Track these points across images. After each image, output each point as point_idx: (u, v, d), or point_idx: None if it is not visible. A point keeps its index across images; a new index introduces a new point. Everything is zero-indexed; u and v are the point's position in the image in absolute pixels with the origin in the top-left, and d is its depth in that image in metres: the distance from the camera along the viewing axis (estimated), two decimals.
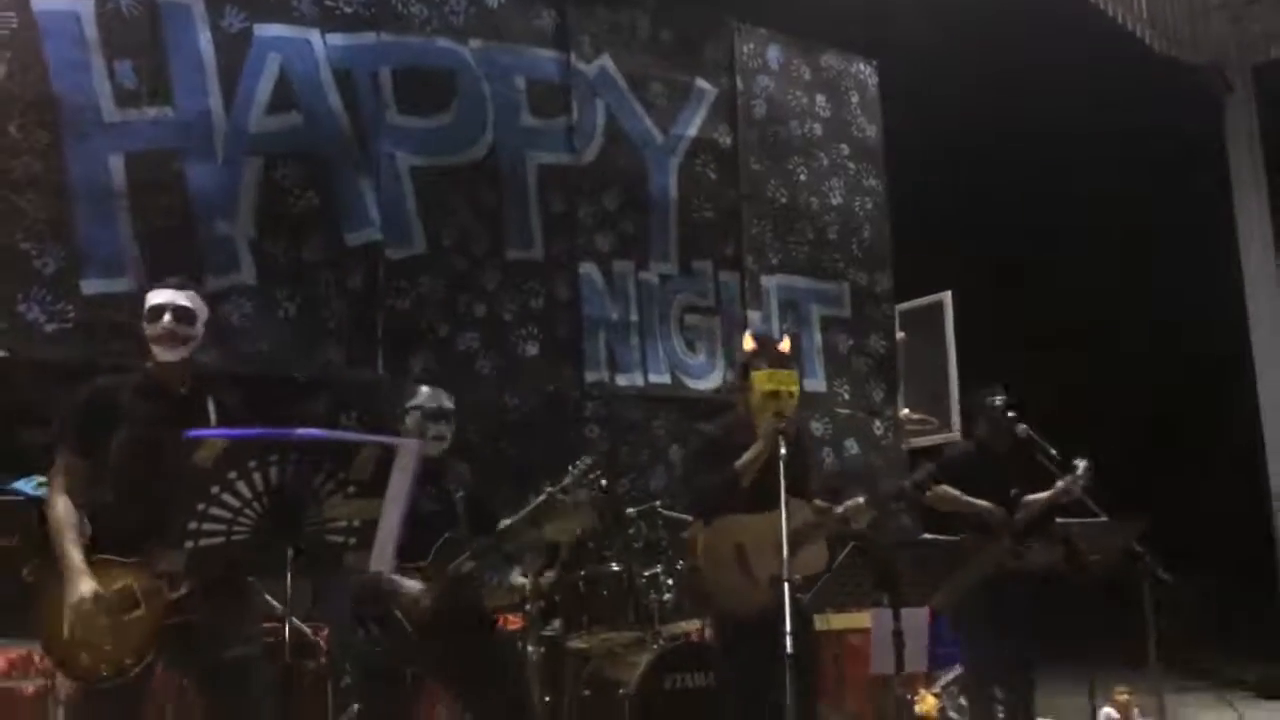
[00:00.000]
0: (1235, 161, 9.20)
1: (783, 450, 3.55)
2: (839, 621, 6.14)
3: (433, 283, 6.25)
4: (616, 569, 5.07)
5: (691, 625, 5.17)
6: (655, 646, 4.84)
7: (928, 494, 5.29)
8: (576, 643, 5.00)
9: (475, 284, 6.38)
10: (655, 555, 5.26)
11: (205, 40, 5.80)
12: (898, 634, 3.45)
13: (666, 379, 6.93)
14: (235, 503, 2.60)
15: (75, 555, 3.04)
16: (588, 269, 6.75)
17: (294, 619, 3.92)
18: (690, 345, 7.08)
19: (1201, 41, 9.31)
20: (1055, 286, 9.89)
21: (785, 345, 4.42)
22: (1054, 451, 5.27)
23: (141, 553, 3.07)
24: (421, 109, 6.38)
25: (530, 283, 6.55)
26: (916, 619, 3.79)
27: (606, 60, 7.04)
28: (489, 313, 6.40)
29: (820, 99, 7.90)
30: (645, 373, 6.86)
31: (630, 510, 5.61)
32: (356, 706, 4.60)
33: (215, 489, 2.56)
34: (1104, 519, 4.91)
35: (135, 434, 3.22)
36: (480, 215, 6.47)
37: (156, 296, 3.36)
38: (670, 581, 5.07)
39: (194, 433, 2.60)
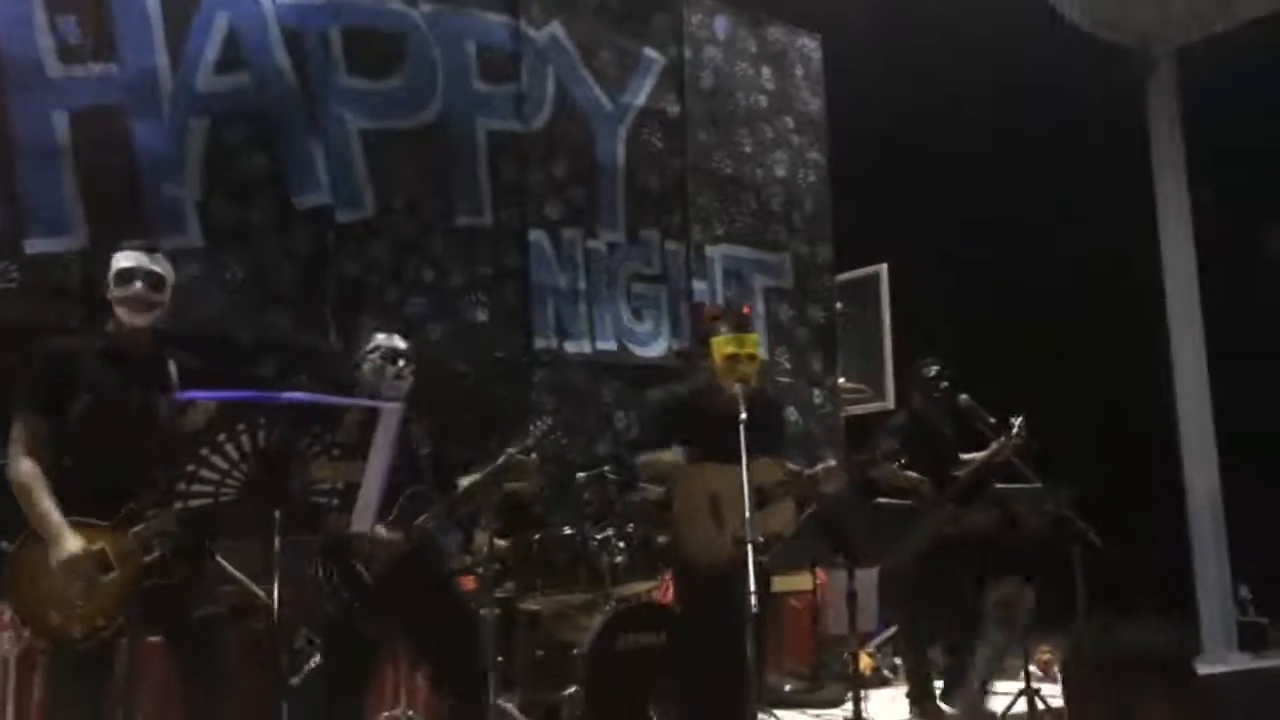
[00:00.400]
0: (1156, 144, 9.48)
1: (744, 414, 3.66)
2: (780, 584, 6.32)
3: (382, 247, 6.24)
4: (569, 532, 5.17)
5: (643, 587, 5.29)
6: (607, 608, 4.95)
7: (871, 470, 5.53)
8: (529, 604, 5.09)
9: (424, 249, 6.38)
10: (607, 519, 5.36)
11: None
12: (852, 595, 3.59)
13: (613, 346, 7.01)
14: (223, 464, 2.63)
15: (56, 514, 3.03)
16: (537, 236, 6.79)
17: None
18: (637, 314, 7.16)
19: (1127, 21, 9.55)
20: (987, 261, 10.15)
21: (746, 310, 4.54)
22: (992, 420, 5.49)
23: (113, 516, 3.08)
24: (371, 71, 6.33)
25: (479, 249, 6.57)
26: (868, 581, 3.95)
27: (556, 27, 7.05)
28: (438, 278, 6.41)
29: (766, 71, 7.99)
30: (593, 340, 6.93)
31: (580, 475, 5.70)
32: (314, 661, 4.66)
33: (205, 451, 2.59)
34: (1037, 485, 5.12)
35: (100, 398, 3.21)
36: (430, 180, 6.46)
37: (125, 260, 3.34)
38: (622, 544, 5.17)
39: (185, 395, 2.63)
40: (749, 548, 3.25)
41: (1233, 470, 8.55)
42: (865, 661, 7.11)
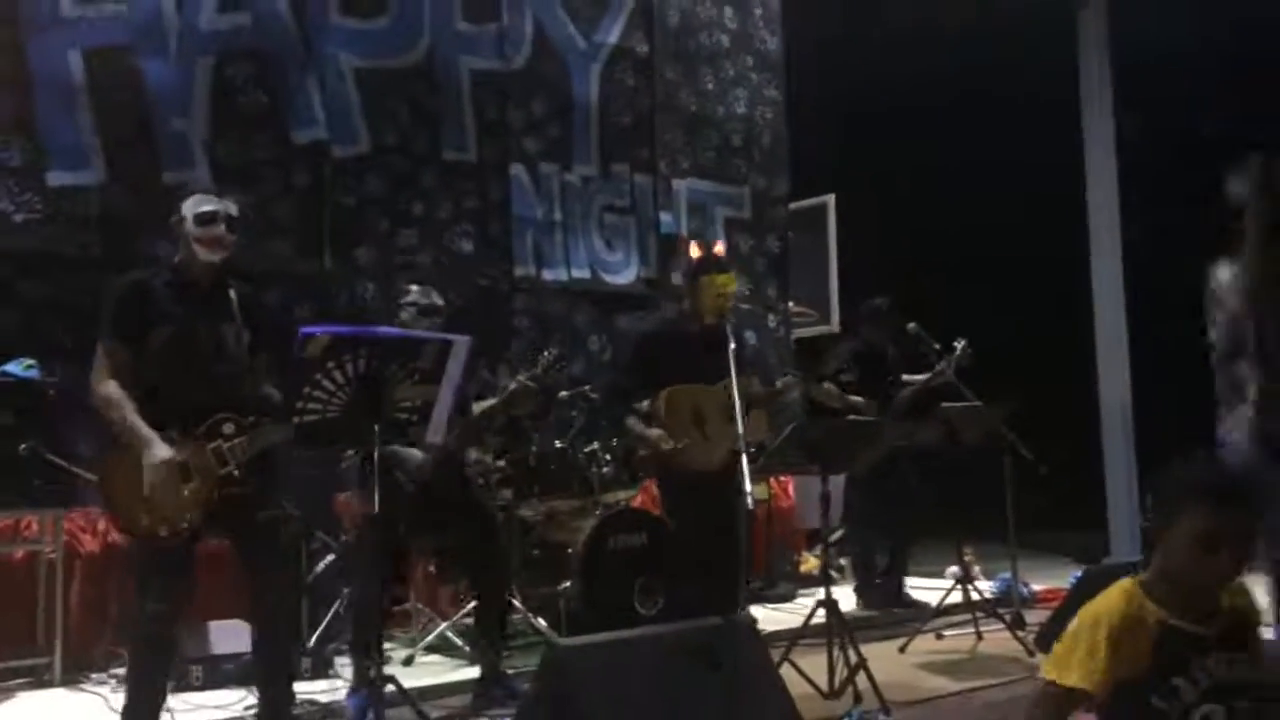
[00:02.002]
0: (1085, 75, 9.95)
1: (732, 344, 4.24)
2: None
3: (375, 181, 6.64)
4: (560, 446, 5.73)
5: (625, 494, 5.89)
6: (596, 513, 5.54)
7: (813, 389, 6.24)
8: (526, 511, 5.67)
9: (415, 183, 6.79)
10: (593, 433, 5.93)
11: None
12: (825, 496, 4.20)
13: (587, 274, 7.50)
14: (332, 387, 3.13)
15: (143, 426, 3.48)
16: (517, 170, 7.22)
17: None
18: (609, 243, 7.65)
19: None
20: (926, 191, 10.76)
21: (720, 248, 5.09)
22: (935, 345, 6.14)
23: (193, 432, 3.54)
24: (361, 10, 6.67)
25: (465, 183, 6.99)
26: (837, 485, 4.57)
27: None
28: (427, 211, 6.83)
29: (728, 11, 8.41)
30: (568, 268, 7.41)
31: (562, 394, 6.24)
32: (328, 559, 5.22)
33: (319, 376, 3.09)
34: (977, 404, 5.78)
35: (176, 326, 3.64)
36: (419, 117, 6.85)
37: (207, 204, 3.69)
38: (607, 456, 5.75)
39: (306, 329, 3.10)
40: (743, 456, 3.84)
41: (1143, 387, 9.28)
42: (812, 562, 7.84)
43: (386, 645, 4.77)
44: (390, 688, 3.35)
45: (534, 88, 7.35)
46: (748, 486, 3.74)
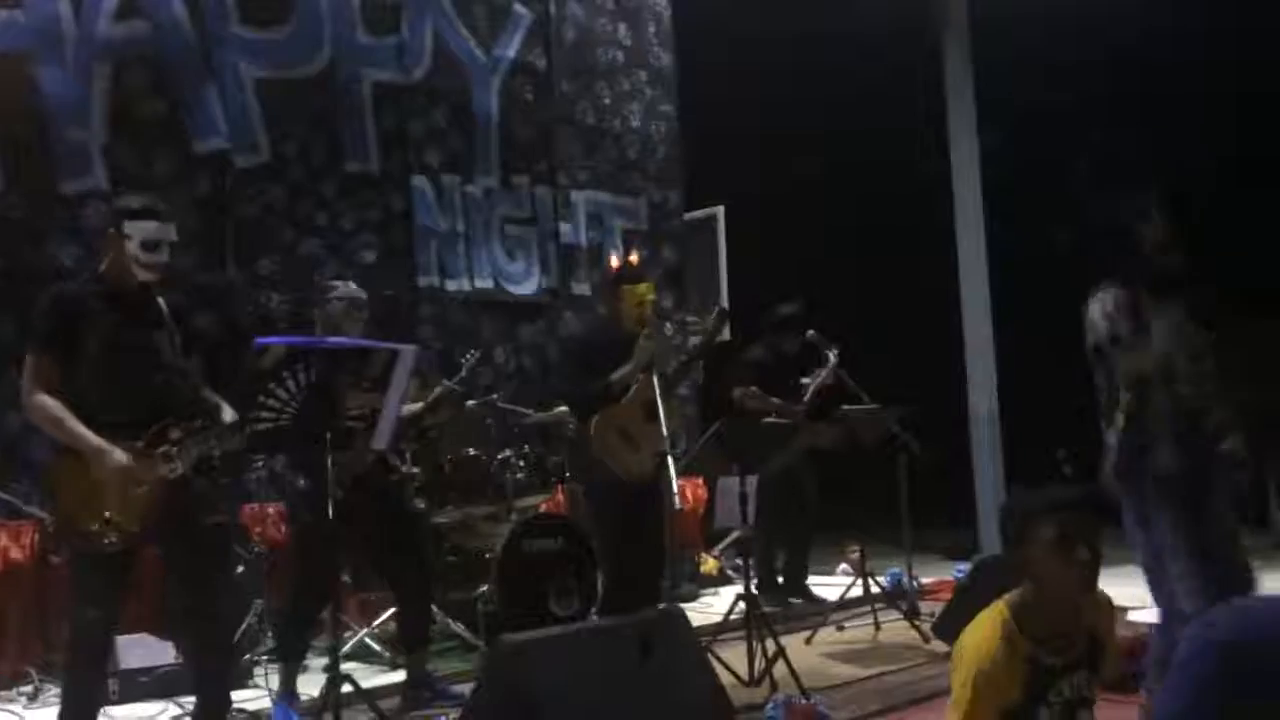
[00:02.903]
0: (951, 90, 10.39)
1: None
2: None
3: (277, 191, 6.62)
4: (473, 453, 5.82)
5: (538, 499, 6.00)
6: (511, 518, 5.65)
7: (735, 392, 6.49)
8: (440, 518, 5.73)
9: (317, 193, 6.79)
10: (506, 440, 6.03)
11: None
12: (744, 495, 4.40)
13: (490, 284, 7.59)
14: (285, 395, 3.18)
15: (90, 434, 3.45)
16: (419, 182, 7.28)
17: None
18: (510, 254, 7.76)
19: None
20: (809, 202, 11.19)
21: (635, 258, 5.26)
22: (831, 351, 6.44)
23: (136, 439, 3.54)
24: (261, 20, 6.65)
25: (367, 193, 7.02)
26: (751, 485, 4.76)
27: None
28: (330, 222, 6.83)
29: (623, 28, 8.62)
30: (471, 278, 7.50)
31: (470, 403, 6.32)
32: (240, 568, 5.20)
33: (273, 385, 3.14)
34: (874, 406, 6.09)
35: (110, 335, 3.63)
36: (319, 127, 6.85)
37: (150, 232, 3.61)
38: (521, 463, 5.85)
39: (262, 340, 3.14)
40: (669, 459, 4.01)
41: (1008, 394, 9.78)
42: (711, 564, 8.07)
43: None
44: (347, 687, 3.41)
45: (435, 99, 7.42)
46: (675, 487, 3.91)
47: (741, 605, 4.50)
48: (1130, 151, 10.30)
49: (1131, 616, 5.32)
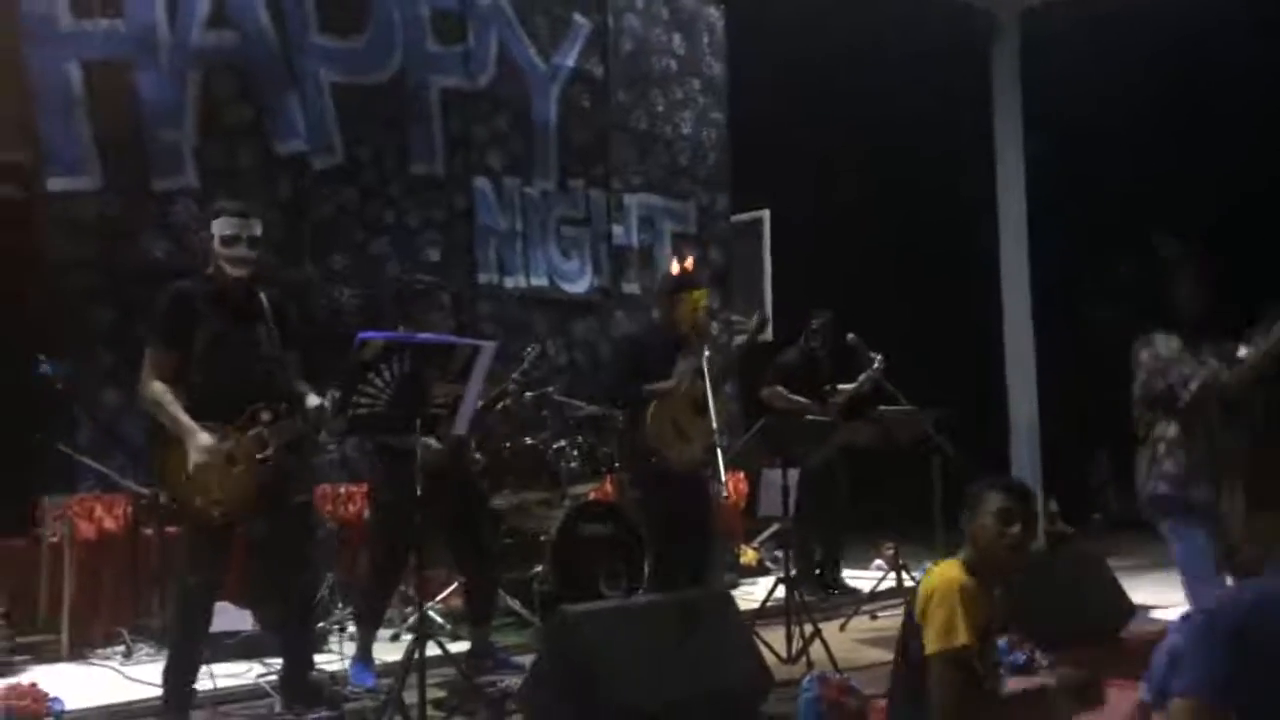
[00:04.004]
0: (998, 101, 10.58)
1: (706, 352, 4.78)
2: None
3: (350, 191, 7.03)
4: (530, 442, 6.20)
5: (589, 487, 6.36)
6: (565, 503, 6.02)
7: (763, 391, 6.85)
8: (498, 501, 6.12)
9: (386, 194, 7.20)
10: (562, 431, 6.41)
11: None
12: (785, 488, 4.74)
13: (545, 282, 7.98)
14: (381, 384, 3.57)
15: (187, 419, 3.87)
16: (481, 184, 7.67)
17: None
18: (565, 253, 8.14)
19: None
20: (854, 209, 11.46)
21: (690, 264, 5.61)
22: (872, 355, 6.76)
23: (235, 422, 3.95)
24: (340, 30, 7.06)
25: (433, 194, 7.42)
26: (793, 478, 5.11)
27: None
28: (397, 220, 7.24)
29: (677, 38, 8.96)
30: (528, 276, 7.88)
31: (527, 395, 6.70)
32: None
33: (371, 375, 3.53)
34: (909, 407, 6.41)
35: (216, 330, 4.05)
36: (390, 131, 7.26)
37: (229, 227, 4.04)
38: (575, 452, 6.23)
39: (363, 335, 3.53)
40: (719, 451, 4.38)
41: (1048, 401, 10.02)
42: (751, 555, 8.40)
43: None
44: (434, 650, 3.79)
45: (498, 105, 7.80)
46: (723, 478, 4.26)
47: (780, 590, 4.83)
48: (1173, 171, 10.46)
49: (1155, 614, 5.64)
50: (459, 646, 5.19)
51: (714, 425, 4.49)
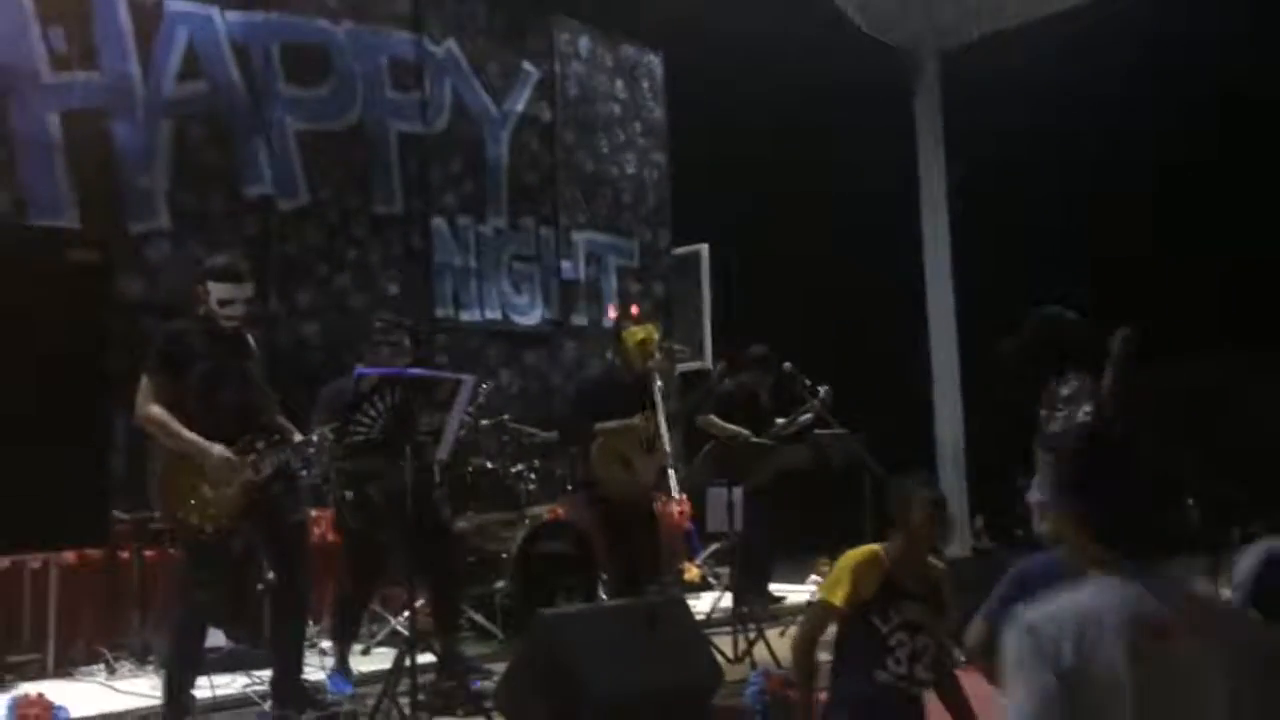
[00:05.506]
0: (921, 135, 11.19)
1: (659, 384, 5.25)
2: None
3: (314, 231, 7.42)
4: (491, 466, 6.61)
5: (546, 508, 6.79)
6: (525, 523, 6.44)
7: (698, 419, 7.31)
8: (460, 523, 6.51)
9: (348, 233, 7.60)
10: (519, 455, 6.83)
11: (124, 11, 6.65)
12: (730, 505, 5.22)
13: (498, 315, 8.42)
14: (374, 414, 3.98)
15: (196, 436, 4.24)
16: (438, 222, 8.10)
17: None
18: (517, 287, 8.59)
19: (899, 27, 11.02)
20: (788, 242, 12.03)
21: (635, 310, 6.08)
22: (807, 383, 7.26)
23: (230, 447, 4.32)
24: (304, 80, 7.47)
25: (392, 232, 7.83)
26: (738, 495, 5.59)
27: (452, 43, 8.32)
28: (359, 257, 7.64)
29: (619, 83, 9.49)
30: (482, 310, 8.32)
31: (484, 421, 7.11)
32: None
33: (365, 406, 3.94)
34: (843, 431, 6.91)
35: (212, 365, 4.43)
36: (352, 174, 7.67)
37: (224, 292, 4.38)
38: (532, 475, 6.65)
39: (360, 371, 3.95)
40: (670, 471, 4.85)
41: (973, 423, 10.62)
42: (694, 572, 8.86)
43: None
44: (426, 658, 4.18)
45: (452, 149, 8.26)
46: (676, 495, 4.74)
47: (727, 598, 5.30)
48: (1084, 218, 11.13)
49: None
50: (426, 658, 5.56)
51: (667, 449, 4.95)
